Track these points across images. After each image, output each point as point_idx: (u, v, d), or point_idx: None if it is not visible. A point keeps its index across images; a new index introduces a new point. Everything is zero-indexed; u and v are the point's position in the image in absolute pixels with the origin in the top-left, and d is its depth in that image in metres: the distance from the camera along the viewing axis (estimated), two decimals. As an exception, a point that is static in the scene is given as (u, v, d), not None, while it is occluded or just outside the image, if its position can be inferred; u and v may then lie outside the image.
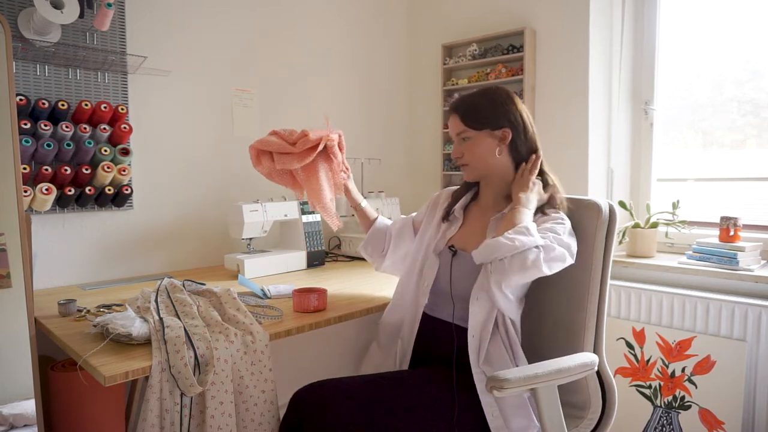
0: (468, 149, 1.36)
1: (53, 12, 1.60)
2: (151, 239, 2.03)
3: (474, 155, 1.35)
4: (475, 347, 1.26)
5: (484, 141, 1.34)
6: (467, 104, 1.37)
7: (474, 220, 1.41)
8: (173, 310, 1.33)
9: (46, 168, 1.68)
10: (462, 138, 1.37)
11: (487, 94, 1.38)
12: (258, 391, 1.25)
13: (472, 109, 1.35)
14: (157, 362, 1.12)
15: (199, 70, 2.13)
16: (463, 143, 1.37)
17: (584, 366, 1.17)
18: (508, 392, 1.06)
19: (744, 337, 1.83)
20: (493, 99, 1.36)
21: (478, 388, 1.23)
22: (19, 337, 1.36)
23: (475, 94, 1.39)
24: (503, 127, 1.33)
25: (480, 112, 1.34)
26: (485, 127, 1.33)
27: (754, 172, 2.11)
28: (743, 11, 2.10)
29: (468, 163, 1.37)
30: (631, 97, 2.36)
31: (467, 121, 1.35)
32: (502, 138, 1.33)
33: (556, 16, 2.30)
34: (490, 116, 1.33)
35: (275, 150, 1.54)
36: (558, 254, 1.20)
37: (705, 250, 1.99)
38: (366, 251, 1.67)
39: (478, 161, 1.36)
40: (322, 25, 2.55)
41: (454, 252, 1.36)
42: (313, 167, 1.55)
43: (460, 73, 2.66)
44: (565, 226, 1.29)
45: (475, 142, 1.34)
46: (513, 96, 1.37)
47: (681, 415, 1.95)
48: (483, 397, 1.22)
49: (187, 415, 1.16)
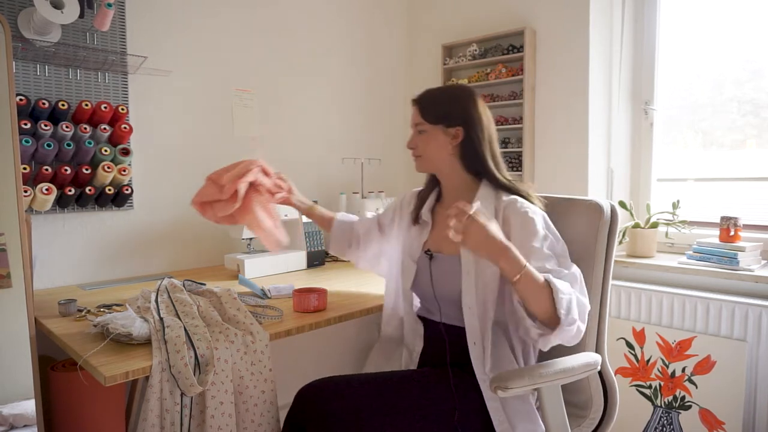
0: (422, 142, 1.37)
1: (53, 12, 1.60)
2: (151, 239, 2.03)
3: (426, 148, 1.37)
4: (479, 354, 1.25)
5: (436, 135, 1.35)
6: (428, 97, 1.39)
7: (441, 222, 1.41)
8: (173, 310, 1.33)
9: (47, 168, 1.68)
10: (418, 130, 1.38)
11: (449, 90, 1.41)
12: (258, 391, 1.26)
13: (430, 103, 1.37)
14: (157, 362, 1.12)
15: (199, 70, 2.13)
16: (419, 135, 1.38)
17: (588, 366, 1.17)
18: (512, 392, 1.06)
19: (744, 337, 1.83)
20: (453, 96, 1.37)
21: (485, 394, 1.22)
22: (19, 337, 1.36)
23: (437, 89, 1.41)
24: (457, 126, 1.34)
25: (437, 106, 1.36)
26: (440, 123, 1.34)
27: (754, 172, 2.11)
28: (743, 11, 2.10)
29: (420, 155, 1.39)
30: (631, 97, 2.36)
31: (424, 114, 1.37)
32: (455, 136, 1.34)
33: (556, 16, 2.30)
34: (446, 112, 1.34)
35: (210, 200, 1.55)
36: (585, 303, 1.17)
37: (705, 250, 1.99)
38: (333, 250, 1.71)
39: (430, 155, 1.37)
40: (322, 25, 2.55)
41: (430, 256, 1.37)
42: (246, 205, 1.55)
43: (460, 73, 2.66)
44: (549, 227, 1.26)
45: (429, 135, 1.36)
46: (476, 97, 1.37)
47: (681, 415, 1.95)
48: (490, 403, 1.21)
49: (188, 415, 1.16)
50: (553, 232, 1.26)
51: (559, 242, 1.25)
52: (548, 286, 1.09)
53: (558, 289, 1.08)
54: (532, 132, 2.41)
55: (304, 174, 2.51)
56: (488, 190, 1.34)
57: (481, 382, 1.23)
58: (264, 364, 1.26)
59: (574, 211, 1.38)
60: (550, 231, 1.26)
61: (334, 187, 2.58)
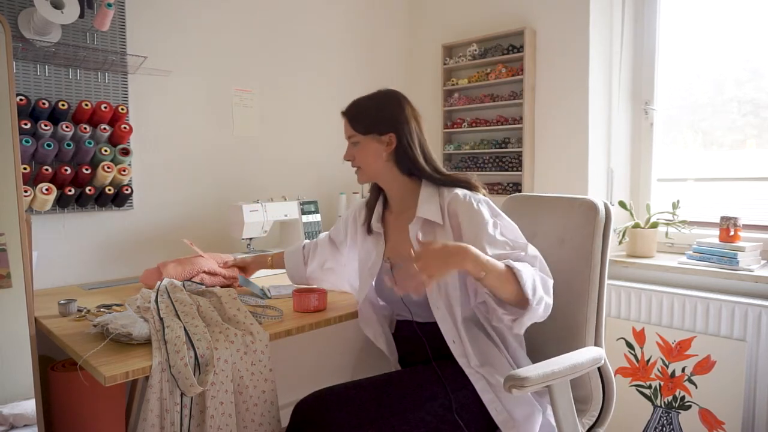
0: (357, 153, 1.38)
1: (53, 12, 1.60)
2: (151, 239, 2.03)
3: (363, 159, 1.38)
4: (461, 352, 1.27)
5: (370, 145, 1.36)
6: (356, 108, 1.39)
7: (394, 230, 1.43)
8: (173, 310, 1.33)
9: (47, 168, 1.68)
10: (352, 142, 1.39)
11: (375, 98, 1.40)
12: (258, 391, 1.26)
13: (359, 114, 1.38)
14: (157, 362, 1.12)
15: (199, 70, 2.13)
16: (354, 147, 1.39)
17: (594, 360, 1.20)
18: (528, 390, 1.07)
19: (744, 337, 1.83)
20: (380, 104, 1.37)
21: (477, 387, 1.23)
22: (20, 337, 1.36)
23: (364, 98, 1.41)
24: (389, 132, 1.34)
25: (366, 116, 1.36)
26: (371, 132, 1.35)
27: (754, 172, 2.11)
28: (743, 11, 2.10)
29: (359, 167, 1.40)
30: (631, 97, 2.36)
31: (354, 125, 1.37)
32: (389, 143, 1.34)
33: (556, 16, 2.30)
34: (375, 121, 1.35)
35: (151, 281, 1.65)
36: (549, 283, 1.20)
37: (705, 250, 1.99)
38: (291, 274, 1.72)
39: (368, 165, 1.38)
40: (323, 26, 2.55)
41: (391, 265, 1.39)
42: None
43: (461, 73, 2.66)
44: (495, 212, 1.29)
45: (363, 146, 1.37)
46: (403, 101, 1.38)
47: (681, 415, 1.95)
48: (484, 395, 1.23)
49: (188, 415, 1.16)
50: (500, 216, 1.28)
51: (509, 225, 1.27)
52: (511, 272, 1.12)
53: (521, 273, 1.11)
54: (532, 132, 2.41)
55: (304, 174, 2.51)
56: (430, 189, 1.35)
57: (470, 376, 1.24)
58: (264, 364, 1.26)
59: (569, 210, 1.40)
60: (498, 216, 1.28)
61: (334, 187, 2.58)
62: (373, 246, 1.44)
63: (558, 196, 1.51)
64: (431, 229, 1.32)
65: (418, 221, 1.33)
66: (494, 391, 1.23)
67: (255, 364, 1.25)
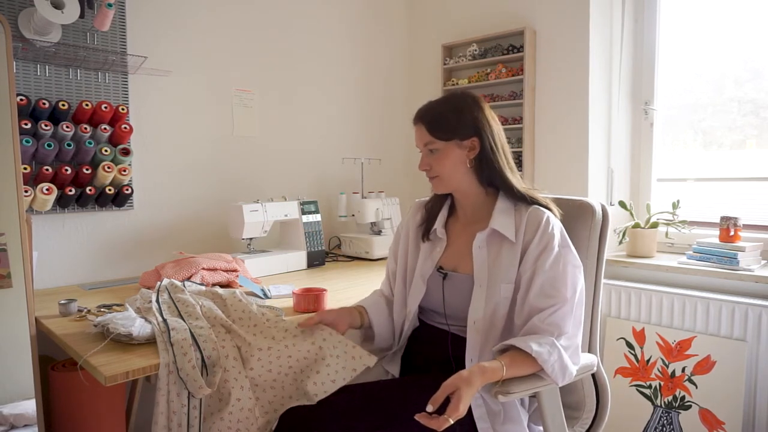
0: (436, 161, 1.28)
1: (53, 12, 1.60)
2: (151, 239, 2.03)
3: (443, 167, 1.27)
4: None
5: (452, 152, 1.26)
6: (432, 113, 1.28)
7: (457, 237, 1.34)
8: (176, 310, 1.33)
9: (47, 168, 1.68)
10: (429, 149, 1.29)
11: (451, 101, 1.30)
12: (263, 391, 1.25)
13: (437, 118, 1.27)
14: (164, 364, 1.11)
15: (199, 71, 2.13)
16: (431, 155, 1.29)
17: (585, 368, 1.18)
18: (514, 396, 1.06)
19: (744, 337, 1.83)
20: (457, 106, 1.27)
21: (476, 414, 1.18)
22: (20, 337, 1.36)
23: (438, 102, 1.31)
24: (471, 137, 1.25)
25: (445, 120, 1.26)
26: (453, 138, 1.25)
27: (754, 172, 2.11)
28: (743, 11, 2.10)
29: (438, 175, 1.29)
30: (631, 97, 2.36)
31: (433, 131, 1.26)
32: (471, 148, 1.25)
33: (556, 16, 2.30)
34: (456, 125, 1.25)
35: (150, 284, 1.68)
36: (574, 347, 1.14)
37: (705, 250, 1.99)
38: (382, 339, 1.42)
39: (448, 173, 1.27)
40: (323, 25, 2.55)
41: (444, 274, 1.31)
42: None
43: (461, 73, 2.66)
44: (565, 240, 1.22)
45: (443, 153, 1.26)
46: (482, 102, 1.29)
47: (681, 415, 1.95)
48: (480, 423, 1.18)
49: (196, 416, 1.16)
50: (567, 247, 1.21)
51: (567, 257, 1.19)
52: (533, 359, 1.07)
53: (545, 362, 1.06)
54: (532, 132, 2.41)
55: (304, 174, 2.51)
56: (507, 202, 1.27)
57: (473, 401, 1.18)
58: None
59: (566, 211, 1.37)
60: (565, 245, 1.21)
61: (334, 187, 2.58)
62: (428, 252, 1.36)
63: (555, 197, 1.48)
64: (498, 244, 1.24)
65: (488, 233, 1.25)
66: (490, 419, 1.18)
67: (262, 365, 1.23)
